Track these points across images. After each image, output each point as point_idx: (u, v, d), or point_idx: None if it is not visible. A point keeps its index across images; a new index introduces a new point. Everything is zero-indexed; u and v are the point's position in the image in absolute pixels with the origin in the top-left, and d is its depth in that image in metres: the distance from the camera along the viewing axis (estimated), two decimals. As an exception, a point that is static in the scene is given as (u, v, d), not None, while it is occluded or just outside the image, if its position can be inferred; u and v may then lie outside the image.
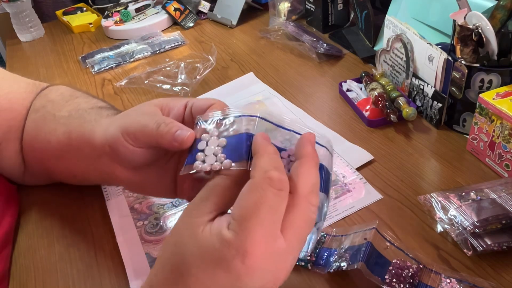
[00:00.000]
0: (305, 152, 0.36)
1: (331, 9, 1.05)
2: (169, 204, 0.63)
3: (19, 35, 1.27)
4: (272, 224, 0.33)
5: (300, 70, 0.93)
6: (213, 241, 0.33)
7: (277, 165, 0.35)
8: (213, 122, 0.40)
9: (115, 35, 1.20)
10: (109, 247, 0.58)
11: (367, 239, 0.48)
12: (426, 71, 0.70)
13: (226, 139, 0.38)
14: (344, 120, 0.76)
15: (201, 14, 1.26)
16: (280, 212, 0.33)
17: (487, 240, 0.48)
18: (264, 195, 0.33)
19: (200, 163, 0.37)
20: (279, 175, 0.34)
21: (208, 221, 0.35)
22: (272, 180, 0.33)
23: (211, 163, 0.37)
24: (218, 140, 0.38)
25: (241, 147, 0.37)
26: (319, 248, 0.51)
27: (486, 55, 0.62)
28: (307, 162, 0.36)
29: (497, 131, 0.58)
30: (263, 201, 0.33)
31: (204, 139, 0.39)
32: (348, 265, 0.46)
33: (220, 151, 0.38)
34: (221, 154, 0.37)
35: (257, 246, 0.32)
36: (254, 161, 0.35)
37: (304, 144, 0.37)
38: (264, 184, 0.33)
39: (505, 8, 0.60)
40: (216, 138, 0.39)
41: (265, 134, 0.38)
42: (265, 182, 0.33)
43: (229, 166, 0.36)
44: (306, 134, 0.38)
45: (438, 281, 0.46)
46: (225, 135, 0.39)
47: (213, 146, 0.38)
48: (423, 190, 0.59)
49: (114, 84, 0.97)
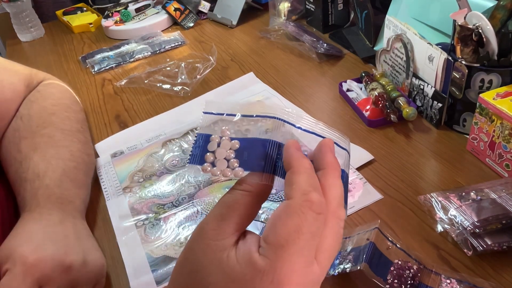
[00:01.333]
0: (327, 162, 0.33)
1: (331, 9, 1.05)
2: (169, 204, 0.63)
3: (19, 35, 1.27)
4: (311, 252, 0.30)
5: (300, 70, 0.93)
6: (242, 269, 0.29)
7: (316, 184, 0.32)
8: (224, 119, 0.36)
9: (115, 35, 1.20)
10: (110, 247, 0.58)
11: (370, 240, 0.48)
12: (426, 71, 0.70)
13: (239, 141, 0.34)
14: (344, 120, 0.76)
15: (201, 14, 1.26)
16: (318, 237, 0.31)
17: (487, 240, 0.48)
18: (305, 220, 0.30)
19: (210, 166, 0.34)
20: (319, 197, 0.31)
21: (232, 244, 0.31)
22: (312, 203, 0.30)
23: (222, 169, 0.33)
24: (231, 143, 0.34)
25: (255, 154, 0.34)
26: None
27: (486, 55, 0.62)
28: (331, 173, 0.33)
29: (497, 131, 0.58)
30: (303, 227, 0.29)
31: (213, 140, 0.35)
32: (351, 267, 0.46)
33: (233, 155, 0.34)
34: (233, 160, 0.33)
35: (293, 276, 0.29)
36: (291, 179, 0.32)
37: (326, 153, 0.34)
38: (304, 208, 0.30)
39: (505, 8, 0.60)
40: (228, 140, 0.34)
41: (297, 142, 0.34)
42: (305, 205, 0.30)
43: (240, 175, 0.33)
44: (326, 141, 0.35)
45: (439, 281, 0.46)
46: (237, 136, 0.35)
47: (225, 149, 0.34)
48: (423, 190, 0.59)
49: (114, 84, 0.97)
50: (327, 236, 0.31)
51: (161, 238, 0.58)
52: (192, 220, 0.60)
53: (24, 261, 0.45)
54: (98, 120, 0.85)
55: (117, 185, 0.67)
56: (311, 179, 0.32)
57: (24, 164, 0.58)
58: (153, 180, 0.68)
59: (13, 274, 0.44)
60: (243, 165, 0.33)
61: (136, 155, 0.73)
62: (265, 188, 0.33)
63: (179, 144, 0.74)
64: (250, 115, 0.35)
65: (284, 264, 0.29)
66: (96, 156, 0.74)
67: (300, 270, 0.29)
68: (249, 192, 0.33)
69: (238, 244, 0.31)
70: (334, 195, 0.32)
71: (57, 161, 0.60)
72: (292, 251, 0.29)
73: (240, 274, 0.29)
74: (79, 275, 0.48)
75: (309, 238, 0.30)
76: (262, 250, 0.30)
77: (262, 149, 0.34)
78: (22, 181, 0.57)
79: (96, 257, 0.53)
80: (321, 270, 0.31)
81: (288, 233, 0.29)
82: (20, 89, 0.68)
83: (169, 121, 0.81)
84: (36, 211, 0.53)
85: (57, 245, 0.49)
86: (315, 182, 0.32)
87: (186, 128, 0.78)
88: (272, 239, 0.30)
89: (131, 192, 0.66)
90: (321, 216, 0.30)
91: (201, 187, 0.65)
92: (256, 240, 0.31)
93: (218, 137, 0.34)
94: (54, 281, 0.46)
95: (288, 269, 0.29)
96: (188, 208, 0.62)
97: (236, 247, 0.31)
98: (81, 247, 0.51)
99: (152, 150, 0.74)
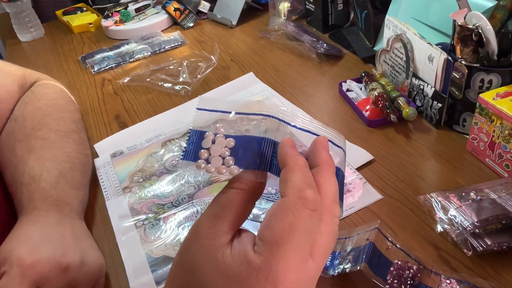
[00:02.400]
0: (321, 159, 0.34)
1: (331, 9, 1.05)
2: (169, 204, 0.63)
3: (19, 35, 1.27)
4: (306, 248, 0.30)
5: (300, 70, 0.93)
6: (238, 267, 0.29)
7: (311, 181, 0.32)
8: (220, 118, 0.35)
9: (115, 35, 1.20)
10: (109, 247, 0.58)
11: (369, 240, 0.48)
12: (426, 71, 0.70)
13: (234, 139, 0.34)
14: (344, 120, 0.76)
15: (201, 14, 1.26)
16: (313, 234, 0.31)
17: (487, 240, 0.48)
18: (299, 217, 0.30)
19: (204, 162, 0.33)
20: (314, 194, 0.31)
21: (226, 243, 0.31)
22: (307, 200, 0.30)
23: (217, 166, 0.33)
24: (226, 140, 0.34)
25: (250, 152, 0.34)
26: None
27: (486, 55, 0.62)
28: (325, 170, 0.33)
29: (497, 131, 0.58)
30: (298, 224, 0.30)
31: (208, 137, 0.34)
32: (351, 267, 0.46)
33: (228, 153, 0.33)
34: (228, 157, 0.33)
35: (289, 273, 0.29)
36: (285, 176, 0.32)
37: (320, 151, 0.34)
38: (299, 205, 0.30)
39: (505, 8, 0.60)
40: (223, 138, 0.34)
41: (292, 140, 0.34)
42: (300, 202, 0.30)
43: (235, 173, 0.33)
44: (320, 139, 0.35)
45: (438, 281, 0.46)
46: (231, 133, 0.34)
47: (220, 146, 0.34)
48: (423, 190, 0.59)
49: (114, 84, 0.97)
50: (322, 233, 0.31)
51: (161, 238, 0.58)
52: (192, 220, 0.60)
53: (21, 263, 0.45)
54: (97, 120, 0.85)
55: (117, 185, 0.67)
56: (305, 177, 0.32)
57: (19, 167, 0.58)
58: (153, 180, 0.68)
59: (10, 276, 0.44)
60: (238, 163, 0.33)
61: (136, 155, 0.73)
62: (259, 185, 0.34)
63: (179, 144, 0.74)
64: (245, 113, 0.35)
65: (280, 261, 0.29)
66: (96, 156, 0.74)
67: (295, 266, 0.29)
68: (243, 190, 0.33)
69: (233, 243, 0.31)
70: (328, 192, 0.32)
71: (52, 163, 0.60)
72: (287, 248, 0.29)
73: (236, 272, 0.29)
74: (78, 276, 0.48)
75: (304, 235, 0.30)
76: (257, 248, 0.30)
77: (257, 147, 0.34)
78: (18, 185, 0.57)
79: (94, 257, 0.52)
80: (316, 267, 0.31)
81: (283, 230, 0.30)
82: (14, 90, 0.68)
83: (169, 121, 0.81)
84: (33, 214, 0.53)
85: (54, 246, 0.49)
86: (309, 179, 0.32)
87: (186, 128, 0.78)
88: (267, 237, 0.30)
89: (130, 192, 0.66)
90: (316, 213, 0.31)
91: (201, 187, 0.65)
92: (251, 238, 0.31)
93: (212, 134, 0.34)
94: (52, 282, 0.46)
95: (283, 266, 0.29)
96: (187, 208, 0.62)
97: (231, 245, 0.31)
98: (78, 247, 0.51)
99: (152, 150, 0.74)
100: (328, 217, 0.32)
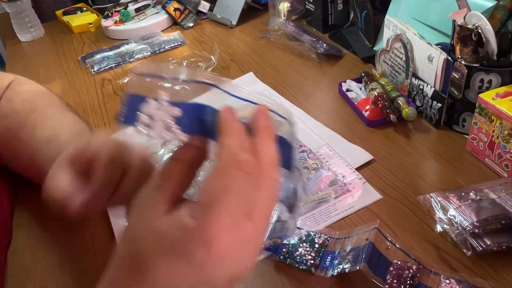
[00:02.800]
0: (260, 125, 0.34)
1: (331, 9, 1.05)
2: (168, 204, 0.63)
3: (19, 35, 1.27)
4: (240, 209, 0.30)
5: (300, 70, 0.93)
6: (173, 231, 0.30)
7: (246, 145, 0.32)
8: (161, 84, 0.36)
9: (115, 35, 1.20)
10: (109, 247, 0.58)
11: (369, 240, 0.48)
12: (426, 71, 0.70)
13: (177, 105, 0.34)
14: (344, 120, 0.76)
15: (201, 14, 1.26)
16: (249, 196, 0.31)
17: (486, 240, 0.48)
18: (232, 179, 0.31)
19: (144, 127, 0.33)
20: (247, 158, 0.31)
21: (164, 211, 0.32)
22: (241, 163, 0.31)
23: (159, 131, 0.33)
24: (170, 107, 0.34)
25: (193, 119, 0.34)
26: (323, 251, 0.51)
27: (486, 55, 0.62)
28: (263, 136, 0.34)
29: (496, 131, 0.58)
30: (231, 186, 0.30)
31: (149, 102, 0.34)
32: (351, 267, 0.46)
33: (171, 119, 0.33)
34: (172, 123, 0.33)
35: (222, 234, 0.29)
36: (221, 140, 0.32)
37: (259, 117, 0.35)
38: (232, 168, 0.31)
39: (505, 8, 0.60)
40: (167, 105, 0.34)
41: (232, 108, 0.34)
42: (233, 165, 0.31)
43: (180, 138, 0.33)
44: (260, 107, 0.36)
45: (438, 281, 0.46)
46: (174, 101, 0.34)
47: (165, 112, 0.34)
48: (422, 190, 0.59)
49: (114, 84, 0.97)
50: (260, 196, 0.32)
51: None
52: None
53: None
54: (97, 120, 0.85)
55: (117, 185, 0.67)
56: (241, 141, 0.33)
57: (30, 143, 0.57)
58: (153, 180, 0.67)
59: None
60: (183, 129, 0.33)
61: (135, 155, 0.73)
62: (199, 155, 0.34)
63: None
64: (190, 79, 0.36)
65: (212, 222, 0.29)
66: (96, 156, 0.74)
67: (229, 227, 0.30)
68: (181, 160, 0.34)
69: (172, 211, 0.32)
70: (266, 157, 0.33)
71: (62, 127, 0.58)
72: (219, 209, 0.30)
73: (171, 237, 0.30)
74: None
75: (237, 197, 0.30)
76: (193, 212, 0.30)
77: (199, 114, 0.34)
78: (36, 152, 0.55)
79: None
80: (255, 229, 0.31)
81: (215, 192, 0.30)
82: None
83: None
84: None
85: None
86: (245, 143, 0.33)
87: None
88: (200, 200, 0.31)
89: (130, 192, 0.66)
90: (250, 176, 0.31)
91: (201, 187, 0.65)
92: (190, 205, 0.32)
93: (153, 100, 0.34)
94: None
95: (216, 226, 0.29)
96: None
97: (169, 213, 0.32)
98: None
99: (152, 150, 0.74)
100: (265, 181, 0.32)
